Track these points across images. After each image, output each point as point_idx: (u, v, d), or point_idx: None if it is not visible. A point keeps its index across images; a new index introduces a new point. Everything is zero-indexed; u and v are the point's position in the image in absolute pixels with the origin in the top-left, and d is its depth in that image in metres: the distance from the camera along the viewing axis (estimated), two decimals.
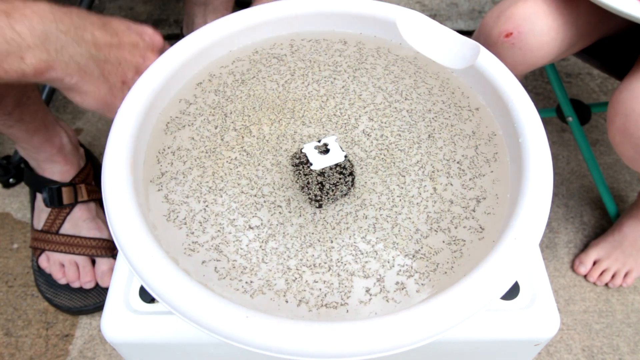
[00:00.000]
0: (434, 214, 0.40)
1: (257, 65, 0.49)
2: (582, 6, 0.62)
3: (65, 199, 0.76)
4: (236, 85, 0.47)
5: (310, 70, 0.49)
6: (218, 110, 0.45)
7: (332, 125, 0.45)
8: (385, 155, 0.43)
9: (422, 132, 0.44)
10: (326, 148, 0.42)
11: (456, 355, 0.45)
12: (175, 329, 0.41)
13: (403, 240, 0.38)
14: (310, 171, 0.40)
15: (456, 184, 0.41)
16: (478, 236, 0.39)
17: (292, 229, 0.39)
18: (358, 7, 0.50)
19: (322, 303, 0.35)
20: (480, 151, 0.43)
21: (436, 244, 0.38)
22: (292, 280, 0.36)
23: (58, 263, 0.76)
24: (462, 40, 0.47)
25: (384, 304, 0.36)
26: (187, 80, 0.47)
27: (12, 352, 0.75)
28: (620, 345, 0.78)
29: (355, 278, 0.37)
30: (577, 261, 0.85)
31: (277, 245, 0.38)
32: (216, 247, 0.38)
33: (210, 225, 0.39)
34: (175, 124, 0.45)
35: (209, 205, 0.40)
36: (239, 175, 0.42)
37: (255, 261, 0.37)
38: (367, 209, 0.40)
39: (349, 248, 0.38)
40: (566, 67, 1.12)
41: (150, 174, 0.42)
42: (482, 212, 0.40)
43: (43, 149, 0.74)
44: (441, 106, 0.46)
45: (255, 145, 0.43)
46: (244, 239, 0.38)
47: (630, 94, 0.58)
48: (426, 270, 0.37)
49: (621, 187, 0.94)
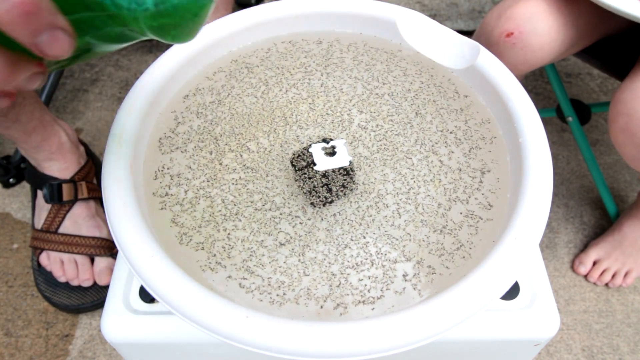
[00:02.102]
0: (449, 185, 0.41)
1: (230, 80, 0.48)
2: (582, 6, 0.62)
3: (65, 195, 0.76)
4: (214, 106, 0.46)
5: (282, 76, 0.48)
6: (206, 135, 0.44)
7: (330, 124, 0.45)
8: (386, 145, 0.44)
9: (408, 111, 0.46)
10: (333, 150, 0.42)
11: (456, 355, 0.45)
12: (175, 329, 0.41)
13: (430, 216, 0.40)
14: (315, 174, 0.41)
15: (457, 151, 0.43)
16: (487, 214, 0.40)
17: (322, 234, 0.39)
18: (358, 7, 0.50)
19: (360, 300, 0.36)
20: (471, 124, 0.45)
21: (457, 217, 0.40)
22: (337, 286, 0.36)
23: (58, 261, 0.76)
24: (462, 40, 0.47)
25: (427, 283, 0.37)
26: (175, 93, 0.47)
27: (12, 352, 0.75)
28: (620, 345, 0.78)
29: (398, 264, 0.37)
30: (577, 261, 0.85)
31: (314, 255, 0.38)
32: (247, 268, 0.37)
33: (238, 252, 0.38)
34: (169, 144, 0.43)
35: (231, 232, 0.39)
36: (249, 193, 0.41)
37: (297, 276, 0.37)
38: (385, 198, 0.41)
39: (383, 238, 0.39)
40: (566, 67, 1.12)
41: (150, 189, 0.41)
42: (488, 190, 0.41)
43: (41, 148, 0.74)
44: (419, 85, 0.47)
45: (258, 160, 0.43)
46: (280, 257, 0.38)
47: (633, 93, 0.58)
48: (451, 248, 0.38)
49: (621, 187, 0.94)
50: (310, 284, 0.36)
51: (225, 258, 0.37)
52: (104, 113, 1.03)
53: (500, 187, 0.41)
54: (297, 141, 0.44)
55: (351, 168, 0.41)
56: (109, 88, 1.07)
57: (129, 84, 1.08)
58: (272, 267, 0.37)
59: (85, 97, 1.05)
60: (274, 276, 0.37)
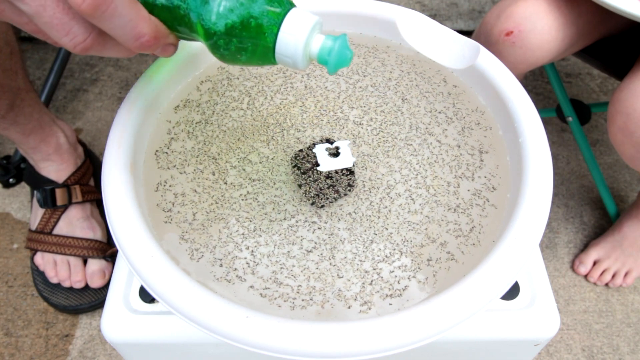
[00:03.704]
0: (452, 162, 0.43)
1: (213, 96, 0.46)
2: (582, 5, 0.62)
3: (59, 199, 0.76)
4: (202, 126, 0.45)
5: (262, 84, 0.48)
6: (203, 157, 0.43)
7: (327, 124, 0.45)
8: (385, 137, 0.44)
9: (394, 99, 0.46)
10: (337, 151, 0.42)
11: (456, 355, 0.45)
12: (175, 329, 0.41)
13: (443, 196, 0.41)
14: (319, 175, 0.41)
15: (450, 129, 0.45)
16: (492, 195, 0.41)
17: (346, 234, 0.39)
18: (358, 7, 0.50)
19: (387, 293, 0.36)
20: (459, 107, 0.46)
21: (466, 194, 0.41)
22: (369, 283, 0.37)
23: (52, 261, 0.76)
24: (462, 40, 0.47)
25: (452, 263, 0.37)
26: (168, 103, 0.46)
27: (12, 352, 0.75)
28: (620, 345, 0.78)
29: (424, 249, 0.38)
30: (577, 261, 0.85)
31: (344, 255, 0.38)
32: (275, 279, 0.37)
33: (265, 266, 0.37)
34: (166, 160, 0.42)
35: (254, 250, 0.38)
36: (260, 205, 0.40)
37: (331, 280, 0.37)
38: (396, 187, 0.41)
39: (405, 226, 0.39)
40: (566, 67, 1.12)
41: (153, 200, 0.40)
42: (489, 171, 0.42)
43: (39, 149, 0.74)
44: (399, 73, 0.48)
45: (262, 170, 0.42)
46: (310, 264, 0.38)
47: (631, 92, 0.58)
48: (466, 229, 0.39)
49: (621, 187, 0.94)
50: (343, 285, 0.36)
51: (248, 274, 0.37)
52: (104, 113, 1.03)
53: (500, 187, 0.41)
54: (300, 143, 0.44)
55: (353, 164, 0.41)
56: (109, 88, 1.07)
57: (129, 84, 1.08)
58: (305, 275, 0.37)
59: (85, 97, 1.05)
60: (306, 283, 0.37)
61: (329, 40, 0.32)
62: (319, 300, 0.36)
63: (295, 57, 0.31)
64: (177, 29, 0.32)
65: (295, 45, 0.31)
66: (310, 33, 0.31)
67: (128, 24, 0.29)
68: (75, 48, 0.30)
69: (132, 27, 0.29)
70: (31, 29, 0.31)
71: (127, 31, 0.29)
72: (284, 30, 0.31)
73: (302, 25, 0.31)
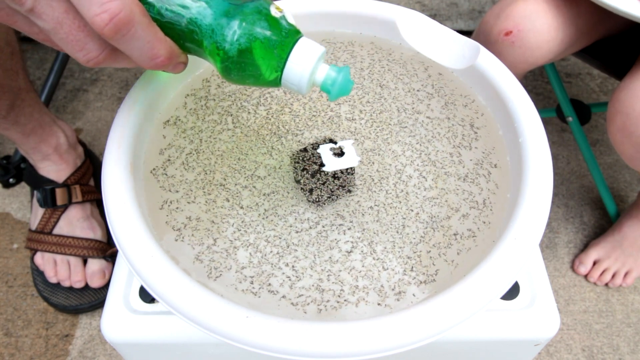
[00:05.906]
0: (449, 133, 0.44)
1: (197, 122, 0.45)
2: (582, 5, 0.62)
3: (59, 199, 0.76)
4: (194, 157, 0.43)
5: (239, 100, 0.46)
6: (210, 186, 0.41)
7: (322, 124, 0.45)
8: (380, 125, 0.45)
9: (373, 86, 0.47)
10: (341, 151, 0.42)
11: (456, 355, 0.45)
12: (175, 329, 0.41)
13: (450, 167, 0.42)
14: (327, 178, 0.41)
15: (434, 103, 0.46)
16: (493, 170, 0.42)
17: (376, 226, 0.39)
18: (358, 7, 0.50)
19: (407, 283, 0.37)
20: (439, 86, 0.47)
21: (469, 164, 0.43)
22: (410, 270, 0.37)
23: (51, 261, 0.76)
24: (462, 40, 0.47)
25: (471, 242, 0.39)
26: (157, 119, 0.44)
27: (12, 352, 0.75)
28: (620, 345, 0.78)
29: (451, 221, 0.39)
30: (577, 261, 0.85)
31: (384, 246, 0.39)
32: (317, 286, 0.37)
33: (309, 276, 0.37)
34: (169, 184, 0.41)
35: (294, 265, 0.38)
36: (283, 219, 0.40)
37: (377, 274, 0.37)
38: (405, 170, 0.42)
39: (428, 203, 0.40)
40: (566, 67, 1.12)
41: (158, 216, 0.39)
42: (484, 144, 0.44)
43: (39, 149, 0.74)
44: (369, 61, 0.49)
45: (273, 181, 0.42)
46: (356, 264, 0.38)
47: (631, 93, 0.58)
48: (479, 198, 0.41)
49: (621, 187, 0.94)
50: (389, 276, 0.37)
51: (286, 287, 0.37)
52: (104, 113, 1.03)
53: (500, 187, 0.41)
54: (302, 145, 0.44)
55: (359, 162, 0.42)
56: (109, 88, 1.07)
57: (129, 84, 1.08)
58: (353, 276, 0.37)
59: (85, 97, 1.05)
60: (356, 283, 0.37)
61: (332, 71, 0.34)
62: (354, 299, 0.36)
63: (300, 85, 0.33)
64: (189, 49, 0.33)
65: (302, 75, 0.33)
66: (316, 64, 0.33)
67: (145, 46, 0.30)
68: (88, 63, 0.30)
69: (149, 49, 0.30)
70: (42, 38, 0.31)
71: (143, 52, 0.30)
72: (292, 60, 0.32)
73: (309, 56, 0.32)
